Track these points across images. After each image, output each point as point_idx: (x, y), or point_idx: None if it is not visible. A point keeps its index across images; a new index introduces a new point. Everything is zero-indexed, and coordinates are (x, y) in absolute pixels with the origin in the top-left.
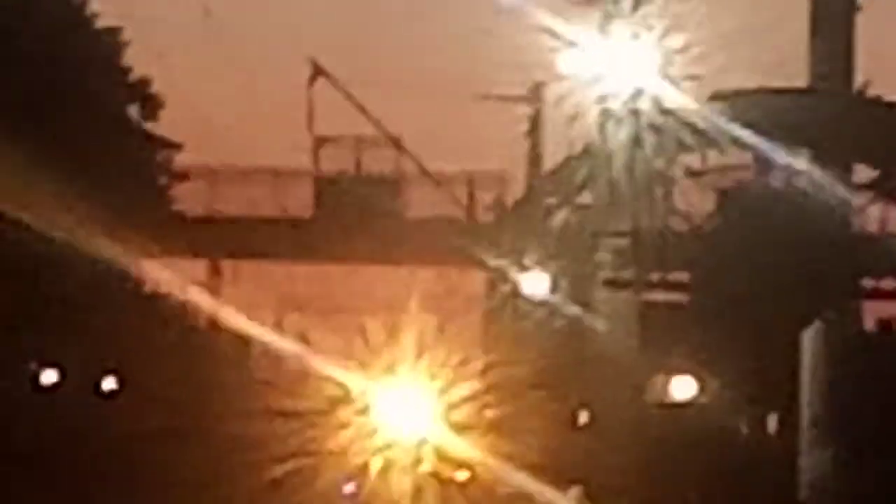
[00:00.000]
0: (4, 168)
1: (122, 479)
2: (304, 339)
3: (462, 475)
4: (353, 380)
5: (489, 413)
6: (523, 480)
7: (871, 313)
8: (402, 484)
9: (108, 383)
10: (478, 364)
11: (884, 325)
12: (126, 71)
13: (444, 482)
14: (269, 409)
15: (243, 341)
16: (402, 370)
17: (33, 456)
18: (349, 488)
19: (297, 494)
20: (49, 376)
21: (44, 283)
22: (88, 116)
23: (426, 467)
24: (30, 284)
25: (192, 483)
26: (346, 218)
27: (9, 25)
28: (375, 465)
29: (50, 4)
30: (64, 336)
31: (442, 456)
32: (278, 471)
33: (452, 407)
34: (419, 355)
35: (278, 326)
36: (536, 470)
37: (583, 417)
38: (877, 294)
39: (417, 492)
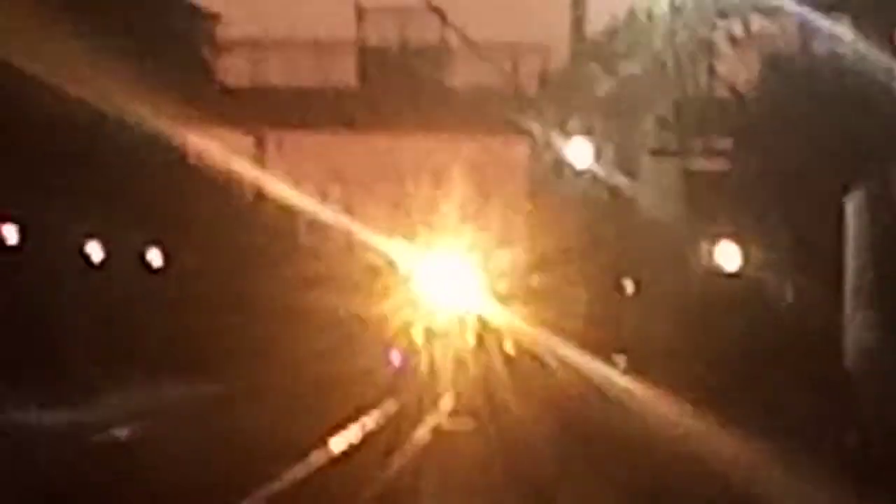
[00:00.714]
0: (48, 37)
1: (165, 349)
2: (348, 209)
3: (509, 344)
4: (395, 249)
5: (533, 282)
6: (569, 350)
7: None
8: (445, 352)
9: (153, 255)
10: (521, 233)
11: None
12: None
13: (488, 350)
14: (313, 277)
15: (288, 212)
16: (446, 239)
17: (78, 328)
18: (395, 358)
19: (342, 362)
20: (94, 248)
21: (89, 153)
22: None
23: (470, 337)
24: (75, 154)
25: (240, 351)
26: (391, 88)
27: None
28: (419, 334)
29: None
30: (109, 206)
31: (486, 325)
32: (323, 339)
33: (496, 276)
34: (461, 224)
35: (323, 196)
36: (581, 339)
37: (628, 286)
38: None
39: (461, 362)
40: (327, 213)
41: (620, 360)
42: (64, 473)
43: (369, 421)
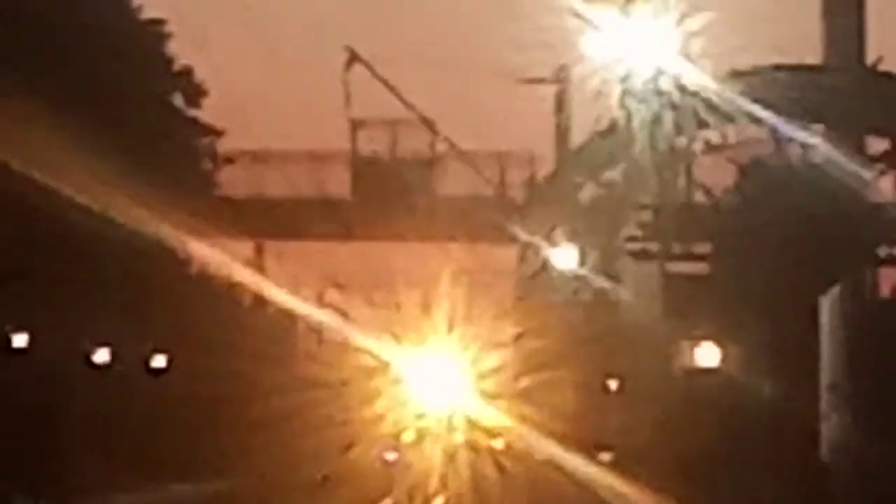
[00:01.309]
0: (56, 153)
1: (170, 446)
2: (343, 313)
3: (497, 443)
4: (387, 351)
5: (520, 382)
6: (555, 448)
7: (887, 280)
8: (435, 451)
9: (158, 361)
10: (508, 335)
11: None
12: (170, 61)
13: (477, 450)
14: (311, 379)
15: (287, 316)
16: (435, 341)
17: (87, 429)
18: (391, 456)
19: (337, 461)
20: (102, 355)
21: (94, 264)
22: (134, 105)
23: (459, 436)
24: (81, 264)
25: (236, 450)
26: (383, 197)
27: (60, 19)
28: (409, 433)
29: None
30: (115, 315)
31: (474, 424)
32: (320, 438)
33: (484, 377)
34: (451, 327)
35: (320, 301)
36: (567, 437)
37: (612, 385)
38: (892, 261)
39: (451, 459)
40: (323, 318)
41: (606, 456)
42: None
43: None
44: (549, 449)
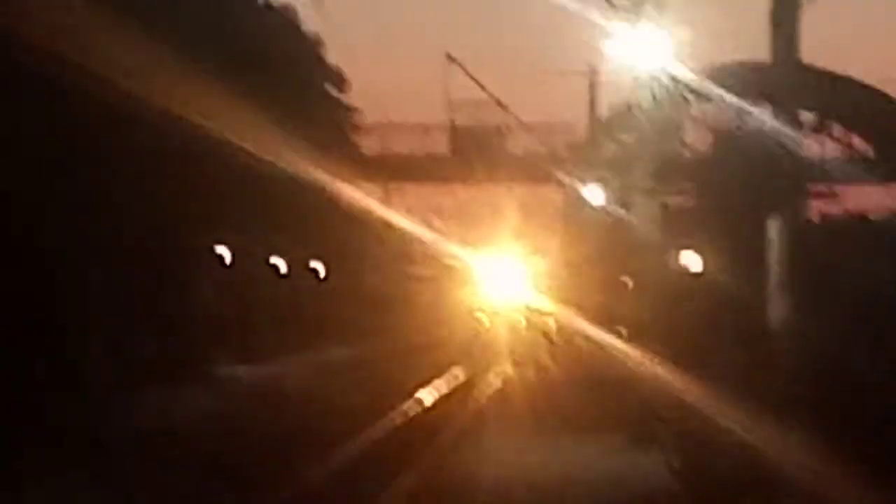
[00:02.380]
0: (252, 128)
1: (320, 327)
2: (444, 233)
3: (547, 320)
4: (472, 257)
5: (563, 279)
6: (586, 324)
7: (813, 209)
8: (502, 326)
9: (318, 266)
10: (555, 247)
11: (822, 217)
12: (324, 62)
13: (532, 325)
14: (419, 278)
15: (403, 234)
16: (505, 248)
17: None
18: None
19: (440, 330)
20: (281, 262)
21: (275, 197)
22: (305, 92)
23: (519, 314)
24: (269, 204)
25: (369, 328)
26: (471, 156)
27: (243, 37)
28: (483, 314)
29: (269, 22)
30: (291, 234)
31: (530, 307)
32: (424, 317)
33: (538, 275)
34: (516, 238)
35: (427, 225)
36: (594, 317)
37: (628, 281)
38: (815, 195)
39: (514, 332)
40: (429, 236)
41: (623, 330)
42: (262, 407)
43: (461, 370)
44: (583, 325)
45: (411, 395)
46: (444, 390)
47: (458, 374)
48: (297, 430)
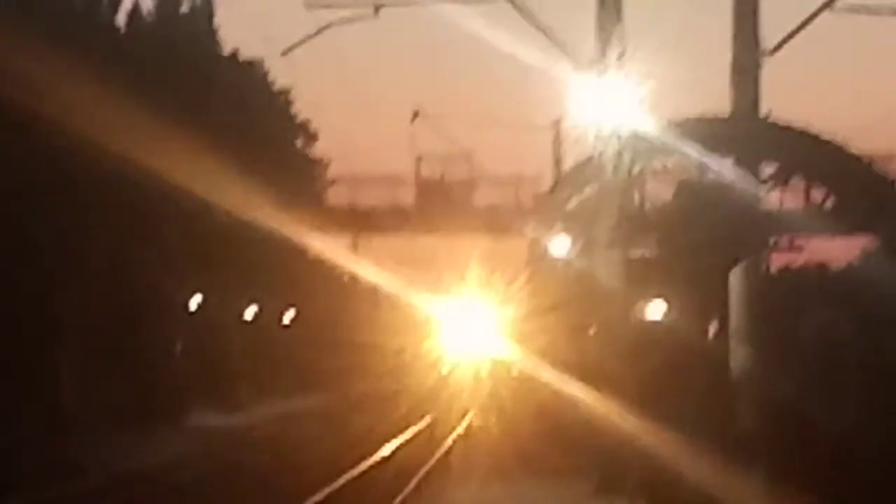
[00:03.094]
0: (218, 184)
1: (294, 376)
2: (410, 282)
3: (511, 370)
4: (436, 306)
5: (527, 328)
6: (550, 372)
7: (774, 261)
8: (466, 375)
9: (288, 315)
10: (520, 297)
11: (782, 269)
12: (294, 117)
13: (496, 376)
14: (388, 327)
15: (372, 285)
16: (470, 299)
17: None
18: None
19: (405, 380)
20: (251, 311)
21: (251, 252)
22: (270, 147)
23: (484, 364)
24: (240, 252)
25: (338, 375)
26: (437, 207)
27: (214, 91)
28: (448, 364)
29: (240, 77)
30: (261, 284)
31: (495, 357)
32: (390, 365)
33: (503, 323)
34: (481, 290)
35: (395, 275)
36: (559, 364)
37: (591, 330)
38: (776, 248)
39: (478, 380)
40: (396, 285)
41: (588, 380)
42: (232, 453)
43: (426, 419)
44: (547, 373)
45: (380, 444)
46: (408, 436)
47: (426, 421)
48: (264, 478)
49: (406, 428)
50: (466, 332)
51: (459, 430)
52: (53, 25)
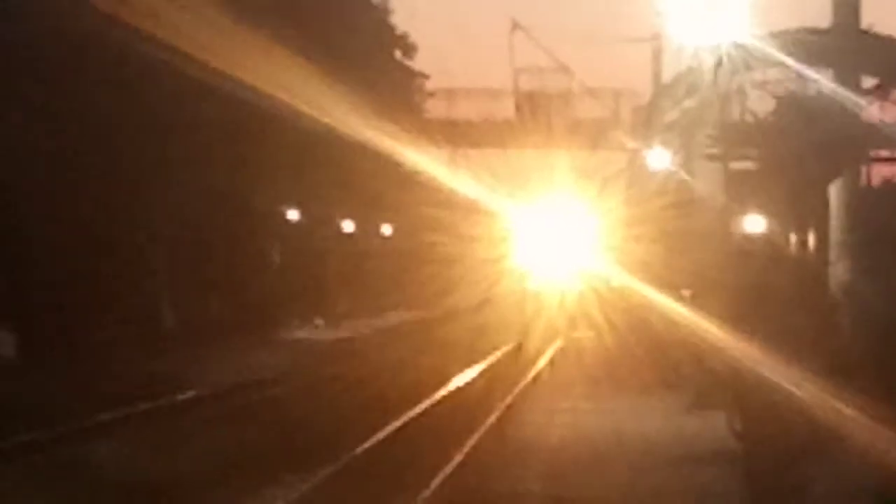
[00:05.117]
0: (316, 97)
1: (390, 289)
2: (509, 196)
3: (615, 284)
4: (533, 215)
5: (630, 237)
6: (653, 289)
7: (875, 174)
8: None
9: (386, 230)
10: (621, 207)
11: (884, 181)
12: (392, 28)
13: (597, 290)
14: (482, 238)
15: (470, 199)
16: (571, 215)
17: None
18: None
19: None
20: (348, 225)
21: (345, 168)
22: (372, 56)
23: (587, 283)
24: (338, 165)
25: (436, 292)
26: (537, 121)
27: (318, 7)
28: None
29: None
30: (358, 198)
31: (595, 270)
32: (489, 276)
33: (605, 231)
34: (584, 201)
35: (492, 189)
36: (660, 280)
37: (691, 243)
38: (876, 160)
39: (585, 300)
40: (494, 199)
41: (687, 293)
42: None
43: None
44: (646, 288)
45: (475, 360)
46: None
47: (520, 338)
48: (364, 395)
49: (500, 345)
50: (564, 245)
51: (553, 348)
52: None
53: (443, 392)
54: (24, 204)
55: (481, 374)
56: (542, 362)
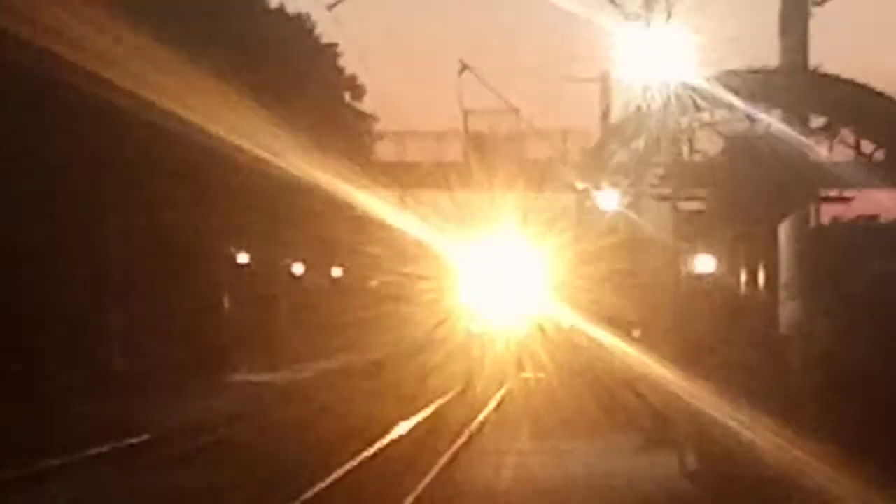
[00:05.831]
0: (265, 139)
1: (338, 331)
2: (457, 238)
3: (562, 324)
4: (486, 257)
5: (578, 277)
6: (601, 329)
7: (825, 213)
8: (520, 334)
9: (336, 272)
10: (570, 250)
11: (833, 220)
12: (342, 70)
13: (543, 329)
14: (428, 276)
15: (419, 239)
16: (520, 255)
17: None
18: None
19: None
20: (297, 268)
21: (298, 207)
22: (320, 99)
23: (528, 319)
24: (288, 207)
25: (382, 330)
26: (485, 162)
27: (261, 45)
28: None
29: (286, 31)
30: (308, 240)
31: (543, 313)
32: (433, 317)
33: (554, 274)
34: (532, 241)
35: (440, 230)
36: (609, 320)
37: (640, 283)
38: (825, 199)
39: (533, 341)
40: (442, 240)
41: (637, 332)
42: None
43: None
44: (594, 328)
45: (423, 405)
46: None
47: (466, 379)
48: (310, 437)
49: (449, 389)
50: (511, 285)
51: (502, 390)
52: None
53: (392, 436)
54: None
55: (431, 416)
56: (491, 404)
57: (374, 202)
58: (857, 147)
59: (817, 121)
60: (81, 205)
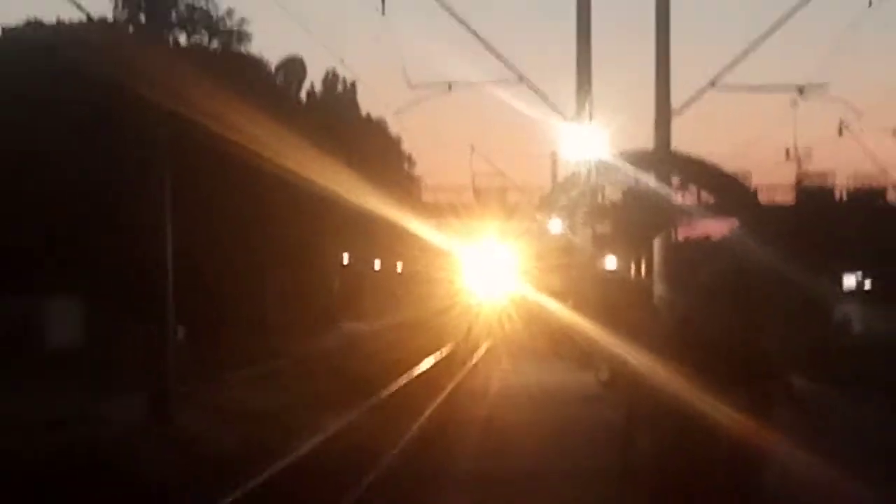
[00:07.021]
0: (356, 192)
1: (382, 306)
2: (462, 252)
3: (523, 300)
4: (483, 257)
5: (533, 274)
6: (549, 299)
7: (680, 233)
8: (493, 306)
9: (399, 267)
10: (530, 256)
11: (685, 238)
12: (402, 151)
13: (513, 302)
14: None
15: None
16: (497, 258)
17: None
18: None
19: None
20: (376, 264)
21: (372, 229)
22: (391, 169)
23: (505, 297)
24: (368, 230)
25: (407, 305)
26: (485, 203)
27: (361, 140)
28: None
29: (371, 128)
30: (383, 249)
31: (512, 293)
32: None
33: (519, 274)
34: (504, 252)
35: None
36: (554, 294)
37: (573, 275)
38: (680, 226)
39: (502, 318)
40: (454, 247)
41: (570, 302)
42: (364, 342)
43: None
44: (545, 299)
45: (445, 342)
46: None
47: (468, 329)
48: (384, 359)
49: (459, 335)
50: (496, 274)
51: (490, 338)
52: (262, 98)
53: (430, 361)
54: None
55: (449, 352)
56: (483, 346)
57: (419, 226)
58: (698, 196)
59: (675, 181)
60: (254, 237)
